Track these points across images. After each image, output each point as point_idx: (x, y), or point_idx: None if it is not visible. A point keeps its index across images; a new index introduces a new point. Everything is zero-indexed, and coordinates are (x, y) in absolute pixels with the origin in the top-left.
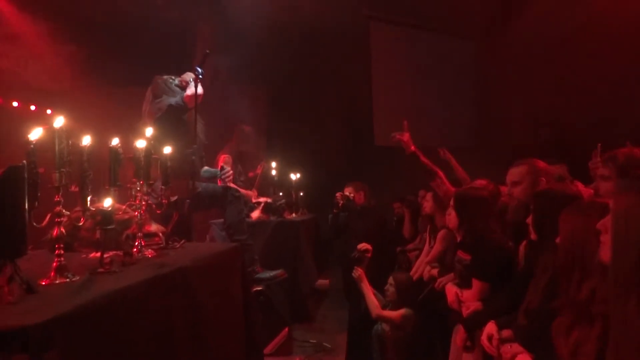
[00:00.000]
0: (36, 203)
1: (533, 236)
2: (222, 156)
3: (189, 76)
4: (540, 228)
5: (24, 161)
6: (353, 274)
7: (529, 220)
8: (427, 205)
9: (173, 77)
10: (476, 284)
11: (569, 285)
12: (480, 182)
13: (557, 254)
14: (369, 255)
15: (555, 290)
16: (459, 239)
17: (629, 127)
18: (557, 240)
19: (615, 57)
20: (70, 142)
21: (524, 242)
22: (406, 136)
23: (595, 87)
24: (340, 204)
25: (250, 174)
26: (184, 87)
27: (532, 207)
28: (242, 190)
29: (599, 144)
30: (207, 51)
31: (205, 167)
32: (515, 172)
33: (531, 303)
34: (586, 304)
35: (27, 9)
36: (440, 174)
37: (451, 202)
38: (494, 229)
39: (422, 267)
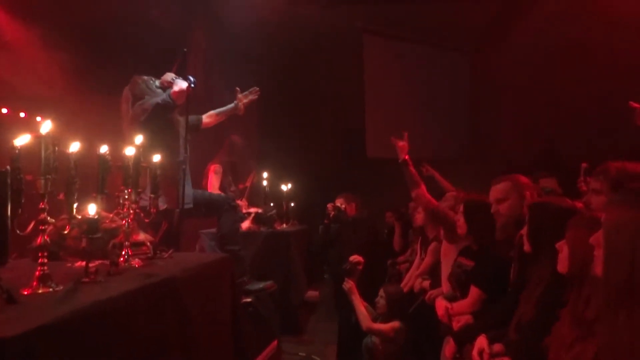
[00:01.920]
0: (19, 210)
1: (527, 247)
2: (213, 166)
3: (170, 76)
4: (535, 240)
5: (8, 167)
6: (344, 286)
7: (523, 231)
8: (419, 217)
9: (153, 79)
10: (473, 291)
11: (578, 301)
12: (451, 195)
13: (561, 262)
14: (361, 267)
15: (551, 301)
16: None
17: (621, 141)
18: (558, 246)
19: (609, 72)
20: (57, 148)
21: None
22: (404, 145)
23: (587, 101)
24: (331, 215)
25: (240, 185)
26: (165, 88)
27: (527, 219)
28: None
29: (584, 164)
30: (185, 49)
31: None
32: (498, 189)
33: (523, 316)
34: (593, 320)
35: (19, 16)
36: (423, 186)
37: (460, 209)
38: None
39: (413, 279)
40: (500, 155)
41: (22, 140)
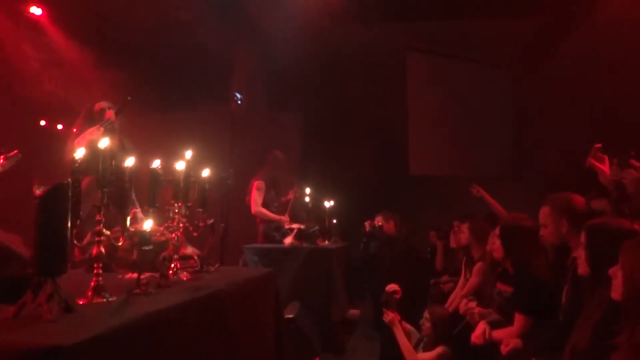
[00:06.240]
0: (78, 221)
1: (581, 271)
2: (256, 182)
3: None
4: (594, 263)
5: (69, 179)
6: (384, 319)
7: (577, 254)
8: (463, 236)
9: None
10: (518, 318)
11: (627, 324)
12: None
13: (615, 289)
14: (398, 296)
15: (609, 328)
16: (497, 270)
17: None
18: (611, 272)
19: None
20: (113, 162)
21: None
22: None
23: (635, 118)
24: (366, 232)
25: (283, 200)
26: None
27: (585, 242)
28: (276, 216)
29: (615, 159)
30: (129, 98)
31: None
32: (541, 213)
33: (579, 342)
34: None
35: (74, 37)
36: None
37: (496, 231)
38: (539, 261)
39: (458, 300)
40: (545, 174)
41: (81, 153)
